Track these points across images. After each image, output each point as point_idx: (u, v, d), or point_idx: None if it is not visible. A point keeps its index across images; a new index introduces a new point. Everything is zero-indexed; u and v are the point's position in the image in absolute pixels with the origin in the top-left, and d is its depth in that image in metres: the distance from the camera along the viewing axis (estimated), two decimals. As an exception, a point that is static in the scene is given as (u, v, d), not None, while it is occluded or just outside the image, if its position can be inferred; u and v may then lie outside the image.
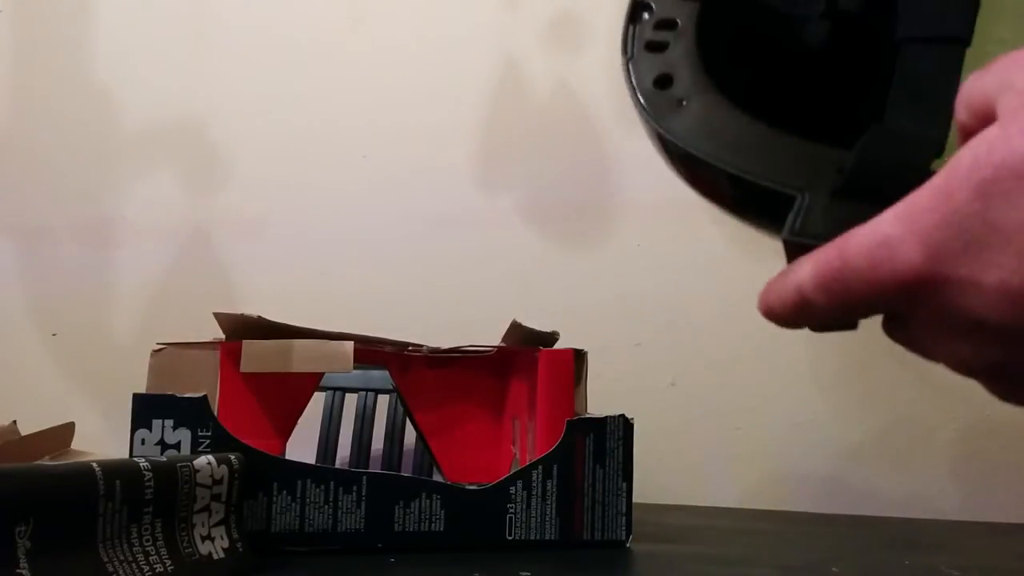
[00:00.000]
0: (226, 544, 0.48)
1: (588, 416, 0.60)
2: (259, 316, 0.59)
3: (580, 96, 1.18)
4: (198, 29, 1.35)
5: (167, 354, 0.58)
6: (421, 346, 0.67)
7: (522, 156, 1.20)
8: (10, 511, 0.35)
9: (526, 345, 0.65)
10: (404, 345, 0.66)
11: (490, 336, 0.69)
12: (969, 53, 0.32)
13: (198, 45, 1.34)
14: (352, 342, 0.59)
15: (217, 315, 0.58)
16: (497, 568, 0.51)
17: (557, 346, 0.64)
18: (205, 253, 1.30)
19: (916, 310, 0.28)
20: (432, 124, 1.24)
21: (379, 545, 0.55)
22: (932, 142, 0.30)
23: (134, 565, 0.41)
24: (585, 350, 0.63)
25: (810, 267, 0.29)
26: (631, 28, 0.37)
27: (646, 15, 0.37)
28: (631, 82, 0.36)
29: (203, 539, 0.46)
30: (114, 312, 1.33)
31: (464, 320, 1.15)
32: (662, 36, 0.36)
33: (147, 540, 0.42)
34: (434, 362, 0.70)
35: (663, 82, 0.35)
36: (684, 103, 0.35)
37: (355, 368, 0.59)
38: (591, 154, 1.16)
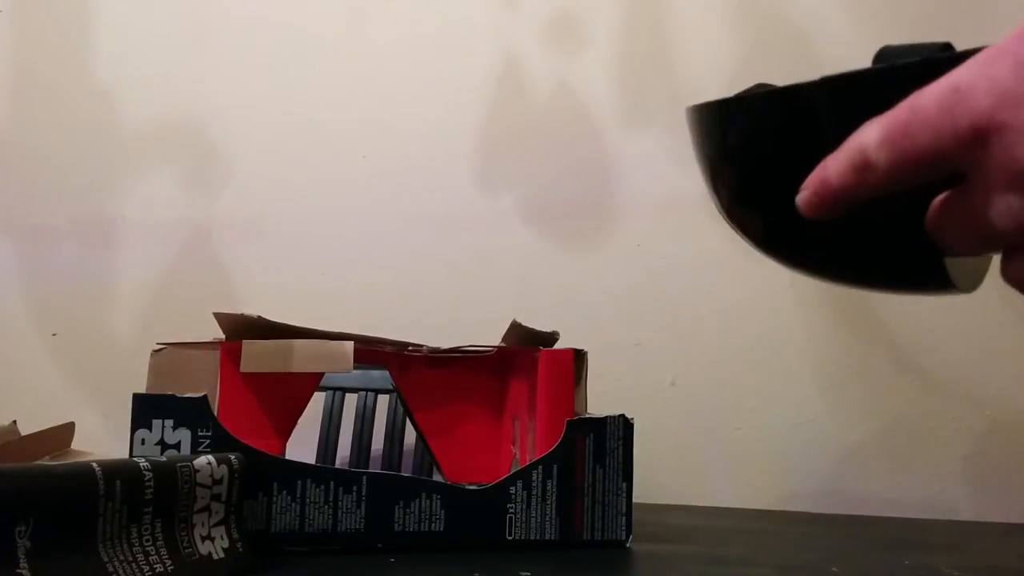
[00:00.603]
0: (226, 544, 0.48)
1: (588, 416, 0.60)
2: (259, 316, 0.59)
3: (580, 96, 1.18)
4: (198, 29, 1.35)
5: (167, 354, 0.58)
6: (421, 346, 0.67)
7: (522, 155, 1.20)
8: (10, 511, 0.35)
9: (526, 345, 0.65)
10: (404, 345, 0.66)
11: (490, 336, 0.69)
12: None
13: (198, 45, 1.34)
14: (352, 342, 0.59)
15: (217, 315, 0.58)
16: (497, 568, 0.51)
17: (557, 346, 0.64)
18: (205, 253, 1.30)
19: (977, 162, 0.27)
20: (432, 123, 1.24)
21: (379, 545, 0.55)
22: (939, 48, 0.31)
23: (134, 565, 0.41)
24: (585, 350, 0.63)
25: (877, 126, 0.29)
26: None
27: None
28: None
29: (203, 539, 0.46)
30: (114, 312, 1.32)
31: (464, 320, 1.15)
32: None
33: (147, 540, 0.42)
34: (434, 362, 0.70)
35: None
36: None
37: (355, 368, 0.59)
38: (591, 153, 1.16)
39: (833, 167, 0.31)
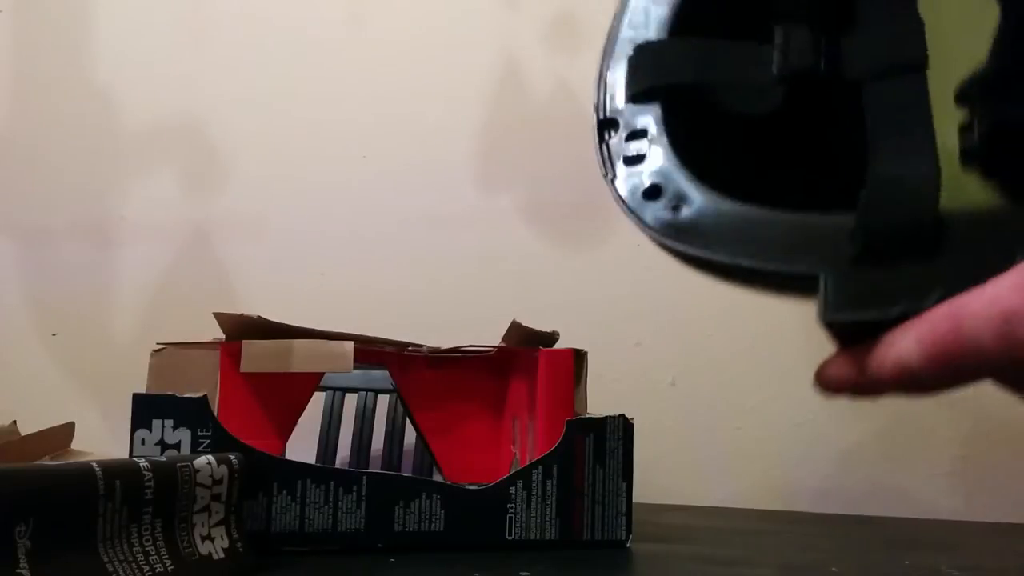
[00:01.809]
0: (226, 544, 0.48)
1: (588, 416, 0.60)
2: (259, 316, 0.59)
3: (580, 96, 1.18)
4: (198, 29, 1.35)
5: (167, 354, 0.58)
6: (421, 346, 0.67)
7: (522, 155, 1.20)
8: (10, 511, 0.35)
9: (526, 345, 0.65)
10: (404, 345, 0.66)
11: (490, 336, 0.69)
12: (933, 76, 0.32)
13: (198, 45, 1.34)
14: (352, 342, 0.59)
15: (217, 315, 0.58)
16: (497, 568, 0.51)
17: (557, 346, 0.64)
18: (205, 253, 1.30)
19: None
20: (432, 123, 1.24)
21: (379, 545, 0.55)
22: (928, 180, 0.30)
23: (134, 565, 0.41)
24: (585, 350, 0.63)
25: (914, 343, 0.29)
26: (604, 147, 0.38)
27: (613, 131, 0.38)
28: (621, 200, 0.37)
29: (203, 539, 0.46)
30: (114, 312, 1.33)
31: (464, 320, 1.15)
32: (636, 147, 0.37)
33: (147, 540, 0.42)
34: (434, 362, 0.70)
35: (652, 193, 0.36)
36: (677, 208, 0.35)
37: (355, 368, 0.59)
38: (591, 154, 1.16)
39: (873, 371, 0.30)
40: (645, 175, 0.36)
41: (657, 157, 0.36)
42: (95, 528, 0.39)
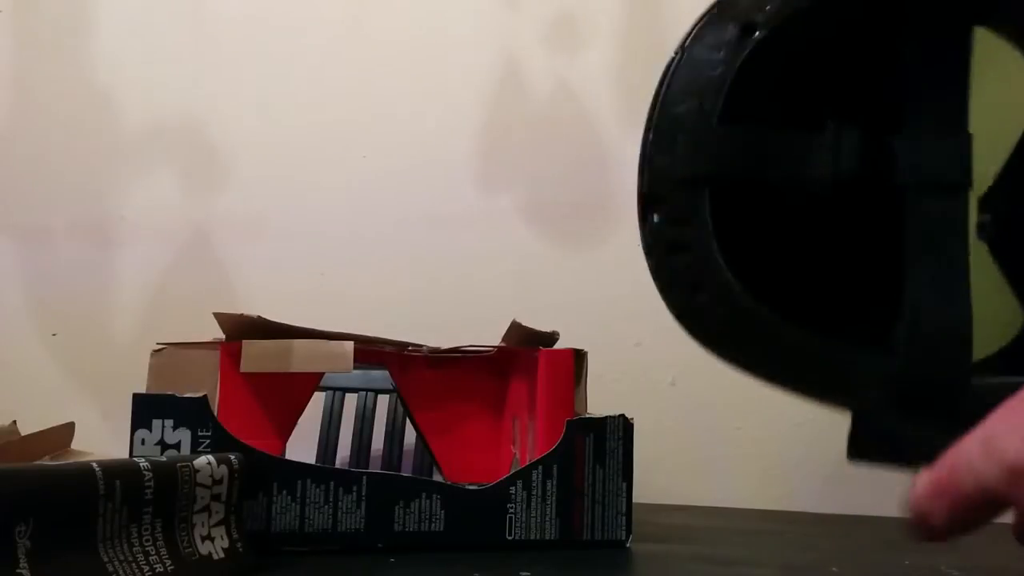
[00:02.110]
0: (226, 544, 0.48)
1: (588, 416, 0.60)
2: (259, 316, 0.59)
3: (580, 96, 1.18)
4: (198, 29, 1.35)
5: (167, 354, 0.58)
6: (421, 346, 0.67)
7: (522, 155, 1.20)
8: (10, 511, 0.35)
9: (526, 345, 0.65)
10: (404, 345, 0.67)
11: (490, 336, 0.69)
12: None
13: (198, 45, 1.34)
14: (352, 342, 0.59)
15: (217, 315, 0.58)
16: (497, 568, 0.51)
17: (557, 346, 0.64)
18: (205, 253, 1.30)
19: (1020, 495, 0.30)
20: (432, 123, 1.24)
21: (379, 545, 0.55)
22: (960, 331, 0.32)
23: (134, 565, 0.41)
24: (585, 350, 0.63)
25: (925, 478, 0.33)
26: (647, 228, 0.38)
27: (656, 211, 0.38)
28: (663, 289, 0.38)
29: (203, 539, 0.46)
30: (114, 312, 1.32)
31: (464, 320, 1.15)
32: (680, 234, 0.37)
33: (147, 540, 0.42)
34: (434, 362, 0.70)
35: (694, 289, 0.37)
36: (717, 309, 0.36)
37: (355, 368, 0.59)
38: (591, 153, 1.16)
39: (909, 530, 0.34)
40: (687, 266, 0.37)
41: (700, 248, 0.36)
42: (95, 528, 0.39)
